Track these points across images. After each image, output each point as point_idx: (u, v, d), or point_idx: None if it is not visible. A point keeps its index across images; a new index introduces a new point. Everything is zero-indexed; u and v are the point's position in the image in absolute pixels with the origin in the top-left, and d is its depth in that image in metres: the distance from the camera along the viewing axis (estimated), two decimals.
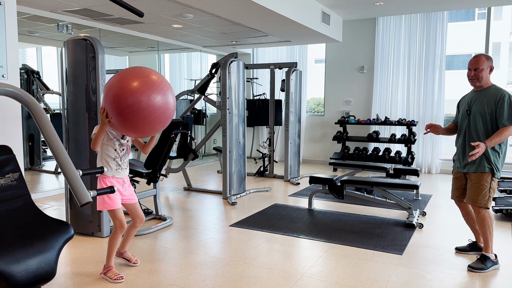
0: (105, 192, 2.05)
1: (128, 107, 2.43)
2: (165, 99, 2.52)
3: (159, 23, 5.98)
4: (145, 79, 2.49)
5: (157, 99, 2.47)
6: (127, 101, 2.42)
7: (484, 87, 3.11)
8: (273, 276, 2.96)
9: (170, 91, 2.61)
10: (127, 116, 2.46)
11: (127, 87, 2.44)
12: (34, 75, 6.57)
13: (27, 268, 1.71)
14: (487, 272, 3.06)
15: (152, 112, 2.47)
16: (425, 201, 5.25)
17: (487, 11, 7.07)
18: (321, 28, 6.65)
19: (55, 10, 5.26)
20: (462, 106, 3.26)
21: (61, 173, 2.29)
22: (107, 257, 2.96)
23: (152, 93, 2.46)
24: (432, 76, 7.25)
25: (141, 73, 2.53)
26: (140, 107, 2.43)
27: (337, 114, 8.22)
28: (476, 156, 2.87)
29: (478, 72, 3.06)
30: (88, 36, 3.62)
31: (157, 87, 2.50)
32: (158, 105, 2.48)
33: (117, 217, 2.89)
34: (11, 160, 1.98)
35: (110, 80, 2.58)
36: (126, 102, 2.42)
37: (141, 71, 2.55)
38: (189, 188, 5.85)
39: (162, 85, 2.54)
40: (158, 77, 2.56)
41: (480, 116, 3.06)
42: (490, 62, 3.07)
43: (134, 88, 2.44)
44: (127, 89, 2.44)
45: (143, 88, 2.45)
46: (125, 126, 2.56)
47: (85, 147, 3.67)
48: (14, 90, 1.69)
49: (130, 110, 2.43)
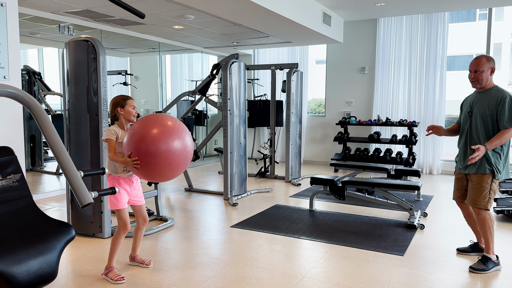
0: (107, 193, 2.05)
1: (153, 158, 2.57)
2: (183, 143, 2.67)
3: (160, 24, 5.98)
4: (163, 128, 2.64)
5: (176, 144, 2.62)
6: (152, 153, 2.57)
7: (486, 88, 3.10)
8: (274, 277, 2.96)
9: (187, 134, 2.75)
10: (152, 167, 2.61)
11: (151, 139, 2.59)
12: (36, 76, 6.59)
13: (29, 269, 1.71)
14: (488, 273, 3.05)
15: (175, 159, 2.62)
16: (426, 202, 5.24)
17: (488, 12, 7.07)
18: (322, 29, 6.65)
19: (57, 12, 5.27)
20: (465, 107, 3.26)
21: (62, 174, 2.30)
22: (109, 257, 2.96)
23: (172, 140, 2.61)
24: (433, 77, 7.24)
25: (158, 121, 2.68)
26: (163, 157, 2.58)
27: (338, 115, 8.22)
28: (475, 160, 2.87)
29: (478, 74, 3.05)
30: (89, 37, 3.62)
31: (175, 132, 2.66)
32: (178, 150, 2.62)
33: (122, 217, 2.91)
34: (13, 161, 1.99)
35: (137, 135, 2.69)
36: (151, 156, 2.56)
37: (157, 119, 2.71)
38: (190, 189, 5.85)
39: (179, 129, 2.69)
40: (173, 123, 2.71)
41: (481, 118, 3.06)
42: (491, 64, 3.05)
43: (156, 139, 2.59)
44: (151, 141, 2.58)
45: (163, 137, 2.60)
46: (149, 175, 2.70)
47: (86, 148, 3.67)
48: (16, 92, 1.69)
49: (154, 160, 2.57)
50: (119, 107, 2.91)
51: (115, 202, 2.88)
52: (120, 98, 2.94)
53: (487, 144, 2.92)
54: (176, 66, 8.87)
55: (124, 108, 2.92)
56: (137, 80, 7.98)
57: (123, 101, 2.93)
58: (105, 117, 3.63)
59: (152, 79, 8.12)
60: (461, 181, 3.27)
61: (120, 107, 2.92)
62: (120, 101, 2.92)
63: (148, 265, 3.17)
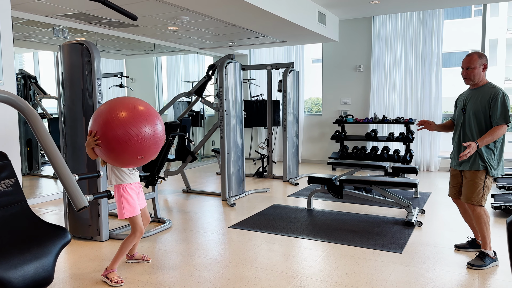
0: (102, 196, 2.05)
1: (115, 138, 2.44)
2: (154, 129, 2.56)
3: (155, 25, 5.98)
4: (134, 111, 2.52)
5: (146, 130, 2.51)
6: (117, 132, 2.43)
7: (479, 85, 3.10)
8: (272, 277, 2.96)
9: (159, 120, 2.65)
10: (115, 147, 2.48)
11: (118, 117, 2.46)
12: (31, 80, 6.57)
13: (24, 274, 1.71)
14: (486, 269, 3.06)
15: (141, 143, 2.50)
16: (424, 199, 5.25)
17: (483, 8, 7.08)
18: (317, 28, 6.65)
19: (51, 15, 5.25)
20: (459, 104, 3.27)
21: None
22: (114, 259, 2.94)
23: (142, 124, 2.50)
24: (429, 74, 7.26)
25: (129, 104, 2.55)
26: (130, 139, 2.45)
27: (335, 113, 8.22)
28: (466, 156, 2.86)
29: (470, 70, 3.05)
30: (83, 40, 3.61)
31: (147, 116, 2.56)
32: (147, 135, 2.51)
33: (138, 223, 2.94)
34: (7, 166, 1.98)
35: (100, 108, 2.58)
36: (115, 133, 2.43)
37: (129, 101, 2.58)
38: (188, 190, 5.85)
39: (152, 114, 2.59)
40: (145, 107, 2.59)
41: (474, 115, 3.06)
42: (483, 60, 3.05)
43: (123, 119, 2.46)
44: (117, 120, 2.45)
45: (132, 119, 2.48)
46: (111, 156, 2.58)
47: (83, 151, 3.66)
48: (8, 96, 1.68)
49: (118, 140, 2.45)
50: None
51: (131, 210, 2.89)
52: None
53: (478, 141, 2.92)
54: (172, 67, 8.86)
55: None
56: (133, 82, 7.96)
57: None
58: None
59: (148, 81, 8.11)
60: (456, 177, 3.27)
61: None
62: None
63: (148, 260, 3.22)
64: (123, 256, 2.98)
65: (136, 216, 2.93)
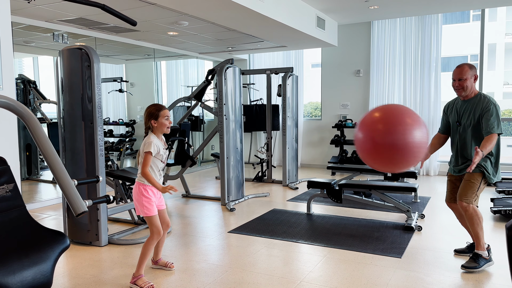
0: (101, 201, 2.05)
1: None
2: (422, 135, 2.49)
3: (154, 30, 5.99)
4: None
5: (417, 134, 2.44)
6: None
7: (470, 96, 3.15)
8: (272, 282, 2.95)
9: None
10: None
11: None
12: (31, 85, 6.58)
13: (23, 280, 1.70)
14: (485, 272, 3.05)
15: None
16: (423, 204, 5.24)
17: (481, 13, 7.11)
18: (316, 33, 6.67)
19: (51, 20, 5.27)
20: (451, 115, 3.30)
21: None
22: (138, 264, 2.92)
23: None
24: (428, 78, 7.27)
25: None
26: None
27: (334, 118, 8.23)
28: (475, 164, 2.85)
29: (462, 82, 3.09)
30: (83, 45, 3.62)
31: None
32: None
33: (155, 224, 2.94)
34: (6, 171, 1.98)
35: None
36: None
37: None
38: (187, 195, 5.84)
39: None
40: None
41: (472, 128, 3.13)
42: (473, 71, 3.10)
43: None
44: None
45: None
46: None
47: (82, 156, 3.66)
48: (8, 101, 1.68)
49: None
50: (153, 119, 2.87)
51: (149, 209, 2.91)
52: (153, 109, 2.87)
53: (482, 149, 2.94)
54: (172, 72, 8.87)
55: (157, 120, 2.87)
56: (132, 87, 7.97)
57: (157, 112, 2.86)
58: (100, 124, 3.62)
59: (147, 86, 8.12)
60: (454, 182, 3.31)
61: (154, 119, 2.87)
62: (154, 111, 2.86)
63: (171, 268, 3.20)
64: (147, 260, 2.95)
65: (153, 216, 2.93)
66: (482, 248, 3.12)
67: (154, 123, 2.86)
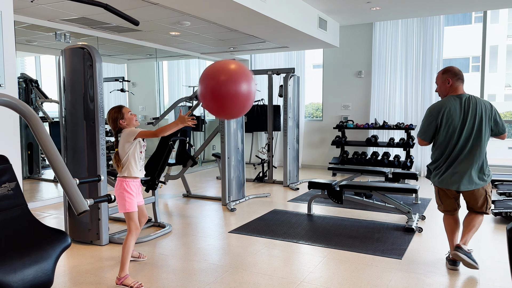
0: (102, 200, 2.05)
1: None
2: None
3: (156, 30, 6.00)
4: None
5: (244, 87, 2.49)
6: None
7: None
8: (272, 283, 2.95)
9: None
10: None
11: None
12: (33, 84, 6.59)
13: (24, 278, 1.70)
14: (486, 274, 3.05)
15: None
16: (424, 205, 5.24)
17: (483, 15, 7.11)
18: (318, 33, 6.68)
19: (53, 19, 5.28)
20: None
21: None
22: (122, 264, 2.91)
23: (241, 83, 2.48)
24: (429, 80, 7.27)
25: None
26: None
27: (335, 119, 8.23)
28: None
29: (437, 87, 3.33)
30: (85, 44, 3.63)
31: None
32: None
33: (134, 220, 3.01)
34: (8, 170, 1.98)
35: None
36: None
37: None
38: (188, 194, 5.85)
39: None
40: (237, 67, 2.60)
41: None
42: (446, 75, 3.23)
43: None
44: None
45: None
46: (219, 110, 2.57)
47: (83, 155, 3.67)
48: (10, 100, 1.69)
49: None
50: (120, 120, 3.00)
51: (130, 204, 2.98)
52: (115, 112, 3.01)
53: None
54: (174, 72, 8.88)
55: (124, 118, 3.01)
56: (134, 87, 7.99)
57: (119, 112, 3.00)
58: (102, 124, 3.63)
59: (149, 85, 8.13)
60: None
61: (121, 119, 3.01)
62: (117, 114, 3.00)
63: (144, 258, 3.36)
64: (129, 258, 2.96)
65: (133, 212, 3.00)
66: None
67: (123, 122, 3.00)
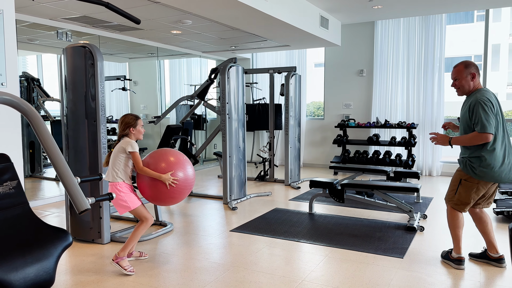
0: (104, 199, 2.05)
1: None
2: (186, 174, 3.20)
3: (158, 29, 6.00)
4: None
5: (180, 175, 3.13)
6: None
7: (469, 94, 3.09)
8: (273, 281, 2.95)
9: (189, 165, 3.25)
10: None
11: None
12: (34, 82, 6.59)
13: (25, 276, 1.71)
14: (488, 273, 3.04)
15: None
16: (426, 204, 5.23)
17: (485, 13, 7.08)
18: (319, 32, 6.66)
19: (55, 18, 5.28)
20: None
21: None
22: (125, 245, 3.12)
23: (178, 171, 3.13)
24: (431, 79, 7.25)
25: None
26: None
27: (337, 117, 8.22)
28: (434, 140, 3.18)
29: (458, 82, 3.06)
30: (87, 43, 3.63)
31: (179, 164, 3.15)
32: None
33: (143, 213, 3.18)
34: (9, 168, 1.98)
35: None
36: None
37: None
38: (189, 193, 5.84)
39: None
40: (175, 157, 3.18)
41: (462, 123, 3.10)
42: (470, 69, 3.02)
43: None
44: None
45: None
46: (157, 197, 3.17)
47: (85, 154, 3.67)
48: (11, 98, 1.69)
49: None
50: (132, 127, 3.19)
51: (131, 201, 3.09)
52: (131, 119, 3.19)
53: (452, 138, 3.06)
54: (175, 70, 8.88)
55: (136, 128, 3.20)
56: (136, 85, 7.99)
57: (135, 121, 3.20)
58: (103, 122, 3.63)
59: (151, 84, 8.14)
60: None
61: (133, 127, 3.19)
62: (132, 122, 3.19)
63: (146, 256, 3.40)
64: (133, 244, 3.16)
65: (139, 206, 3.14)
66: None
67: (132, 131, 3.19)
